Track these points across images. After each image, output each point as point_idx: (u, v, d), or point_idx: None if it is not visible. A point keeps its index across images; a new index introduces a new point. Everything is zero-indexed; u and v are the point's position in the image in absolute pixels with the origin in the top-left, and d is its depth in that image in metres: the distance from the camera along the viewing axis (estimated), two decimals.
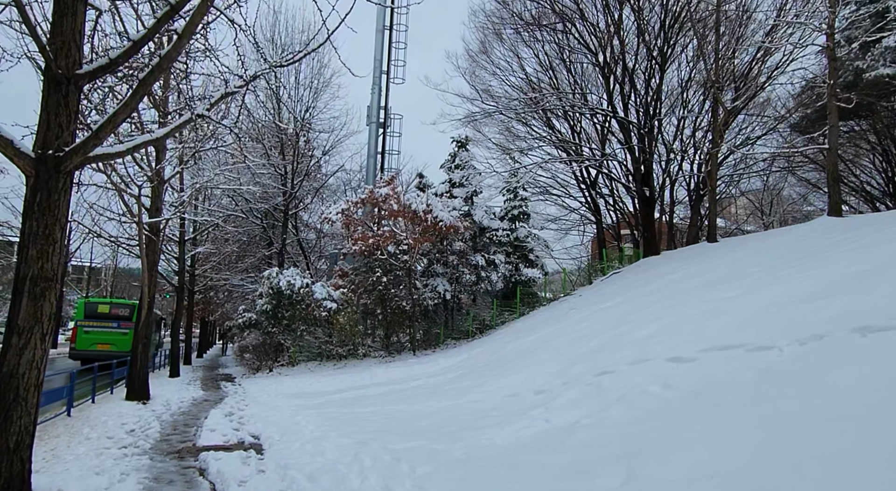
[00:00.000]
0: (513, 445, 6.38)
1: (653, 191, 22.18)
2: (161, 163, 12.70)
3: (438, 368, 15.45)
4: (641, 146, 21.88)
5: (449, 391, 10.55)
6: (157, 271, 13.55)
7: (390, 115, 29.64)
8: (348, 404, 11.00)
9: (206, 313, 40.62)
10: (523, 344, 13.37)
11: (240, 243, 31.42)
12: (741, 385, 5.87)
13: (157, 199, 13.41)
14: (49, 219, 5.01)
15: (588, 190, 27.94)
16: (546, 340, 12.44)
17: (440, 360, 17.21)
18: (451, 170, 26.70)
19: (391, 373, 16.45)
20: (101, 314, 23.55)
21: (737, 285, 9.79)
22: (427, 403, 9.75)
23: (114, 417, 10.78)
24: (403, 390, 12.16)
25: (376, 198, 23.21)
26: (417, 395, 10.94)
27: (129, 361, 13.92)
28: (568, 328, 12.58)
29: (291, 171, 27.66)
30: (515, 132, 29.27)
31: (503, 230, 25.88)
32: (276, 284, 21.39)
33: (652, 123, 21.14)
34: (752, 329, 7.18)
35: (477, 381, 10.75)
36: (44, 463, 6.72)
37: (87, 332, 23.16)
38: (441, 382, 12.12)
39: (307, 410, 10.61)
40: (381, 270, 21.89)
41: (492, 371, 11.33)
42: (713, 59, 17.75)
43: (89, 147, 4.99)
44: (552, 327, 13.90)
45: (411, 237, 22.43)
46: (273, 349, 22.27)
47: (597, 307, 14.16)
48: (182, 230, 21.23)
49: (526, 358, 11.32)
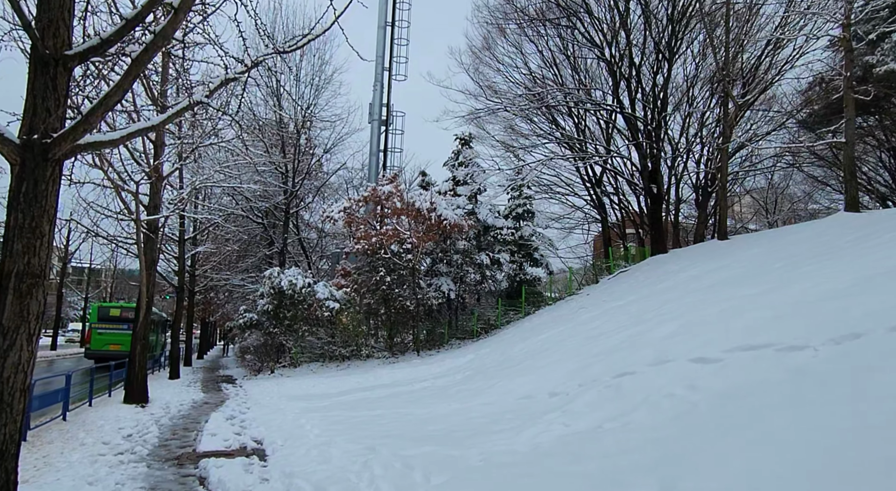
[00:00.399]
0: (532, 451, 6.02)
1: (661, 188, 21.80)
2: (160, 158, 12.33)
3: (445, 369, 15.09)
4: (649, 142, 21.51)
5: (458, 393, 10.18)
6: (155, 271, 13.19)
7: (392, 112, 29.29)
8: (354, 407, 10.64)
9: (207, 314, 40.26)
10: (533, 344, 13.01)
11: (240, 243, 31.06)
12: (774, 388, 5.50)
13: (155, 197, 13.05)
14: (36, 211, 4.64)
15: (593, 188, 27.58)
16: (557, 340, 12.07)
17: (446, 360, 16.85)
18: (454, 167, 26.33)
19: (396, 374, 16.09)
20: (113, 317, 25.34)
21: (758, 282, 9.42)
22: (436, 405, 9.38)
23: (111, 421, 10.43)
24: (410, 392, 11.80)
25: (379, 196, 22.87)
26: (425, 397, 10.57)
27: (128, 361, 13.55)
28: (579, 328, 12.21)
29: (292, 170, 27.30)
30: (519, 130, 28.93)
31: (508, 229, 25.51)
32: (277, 283, 21.03)
33: (660, 119, 20.77)
34: (781, 328, 6.80)
35: (487, 382, 10.38)
36: (34, 472, 6.36)
37: (101, 333, 24.90)
38: (449, 384, 11.76)
39: (311, 413, 10.25)
40: (384, 270, 21.53)
41: (502, 372, 10.96)
42: (724, 53, 17.37)
43: (79, 133, 4.63)
44: (562, 327, 13.53)
45: (415, 236, 22.08)
46: (275, 350, 21.91)
47: (607, 306, 13.79)
48: (182, 229, 20.88)
49: (537, 358, 10.95)
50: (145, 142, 12.46)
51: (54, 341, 41.56)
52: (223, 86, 6.14)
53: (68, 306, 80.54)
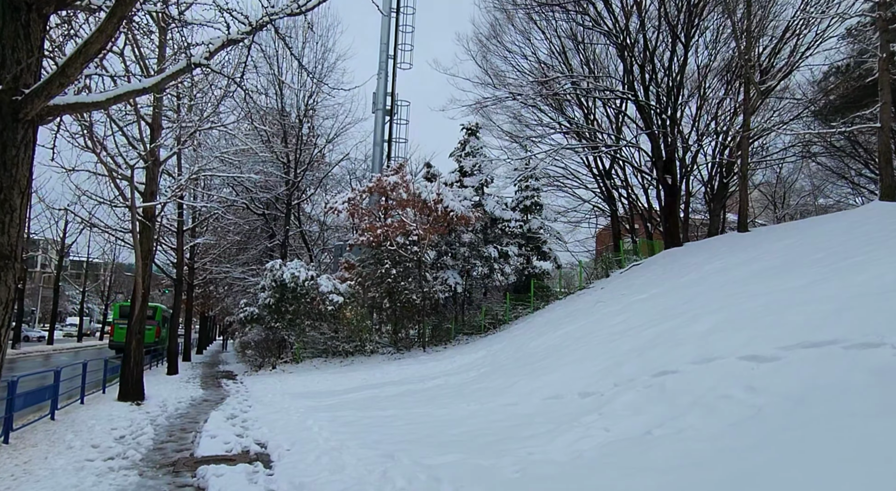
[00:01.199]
0: (573, 461, 5.33)
1: (675, 179, 21.07)
2: (156, 141, 11.59)
3: (456, 366, 14.41)
4: (663, 132, 20.76)
5: (476, 392, 9.49)
6: (152, 262, 12.48)
7: (397, 101, 28.49)
8: (364, 407, 9.95)
9: (206, 308, 39.52)
10: (550, 340, 12.32)
11: (241, 234, 30.32)
12: (857, 392, 4.79)
13: (151, 183, 12.32)
14: (4, 180, 3.93)
15: (602, 180, 26.86)
16: (577, 335, 11.38)
17: (455, 356, 16.17)
18: (461, 158, 25.60)
19: (405, 370, 15.42)
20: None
21: (802, 274, 8.71)
22: (454, 405, 8.69)
23: (103, 420, 9.74)
24: (423, 391, 11.11)
25: (384, 186, 22.13)
26: (440, 396, 9.88)
27: (123, 357, 12.84)
28: (602, 323, 11.51)
29: (294, 160, 26.53)
30: (526, 121, 28.19)
31: (516, 221, 24.81)
32: (279, 276, 20.32)
33: (675, 105, 20.01)
34: (846, 322, 6.09)
35: (507, 380, 9.69)
36: (10, 481, 5.66)
37: (121, 327, 28.41)
38: (464, 382, 11.07)
39: (318, 413, 9.56)
40: (389, 262, 20.82)
41: (521, 370, 10.27)
42: (744, 38, 16.62)
43: (55, 88, 3.91)
44: (581, 321, 12.83)
45: (421, 227, 21.37)
46: (276, 345, 21.21)
47: (628, 300, 13.09)
48: (180, 219, 20.13)
49: (558, 355, 10.26)
50: (141, 125, 11.71)
51: (51, 336, 40.84)
52: (225, 47, 5.42)
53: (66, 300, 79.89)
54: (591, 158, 26.85)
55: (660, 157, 21.12)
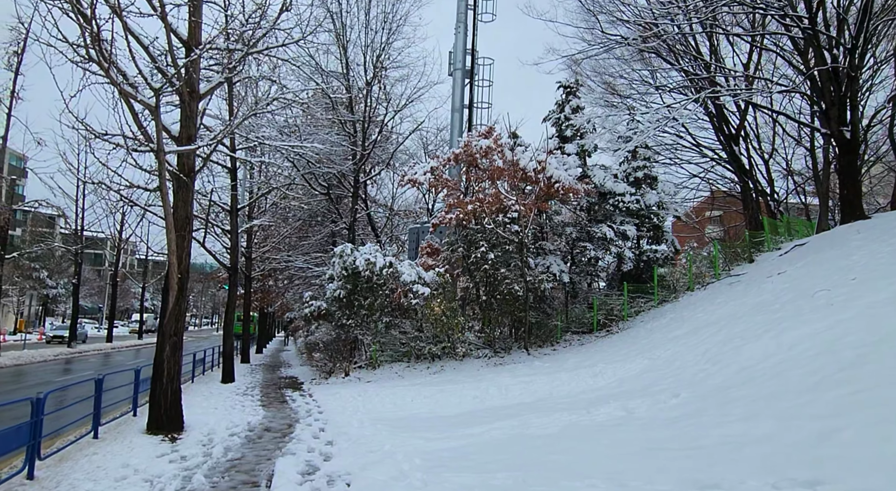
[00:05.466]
0: None
1: (856, 131, 16.10)
2: (192, 55, 7.93)
3: (607, 382, 10.25)
4: (836, 68, 15.77)
5: (726, 445, 5.26)
6: (190, 234, 8.86)
7: (478, 60, 24.36)
8: (517, 455, 5.95)
9: (265, 303, 36.69)
10: (770, 349, 7.93)
11: (301, 219, 27.03)
12: None
13: (189, 124, 8.69)
14: None
15: (730, 144, 22.00)
16: (845, 345, 6.97)
17: (595, 364, 11.97)
18: (559, 123, 21.28)
19: (528, 384, 11.35)
20: None
21: None
22: (710, 473, 4.51)
23: (111, 473, 6.16)
24: (599, 428, 7.01)
25: (473, 153, 18.12)
26: (658, 448, 5.70)
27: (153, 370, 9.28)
28: (870, 323, 7.04)
29: (361, 131, 22.89)
30: (630, 78, 23.70)
31: (630, 195, 20.34)
32: (351, 263, 16.66)
33: (863, 27, 14.96)
34: None
35: (761, 426, 5.42)
36: None
37: None
38: (665, 417, 6.86)
39: (446, 468, 5.60)
40: (485, 245, 16.81)
41: (767, 408, 5.97)
42: None
43: None
44: (814, 324, 8.31)
45: (521, 203, 17.27)
46: (348, 346, 17.60)
47: (872, 286, 8.52)
48: (234, 193, 16.70)
49: (844, 381, 5.91)
50: (170, 35, 8.08)
51: (110, 334, 39.11)
52: None
53: (133, 297, 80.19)
54: (718, 120, 22.05)
55: (830, 103, 16.17)
